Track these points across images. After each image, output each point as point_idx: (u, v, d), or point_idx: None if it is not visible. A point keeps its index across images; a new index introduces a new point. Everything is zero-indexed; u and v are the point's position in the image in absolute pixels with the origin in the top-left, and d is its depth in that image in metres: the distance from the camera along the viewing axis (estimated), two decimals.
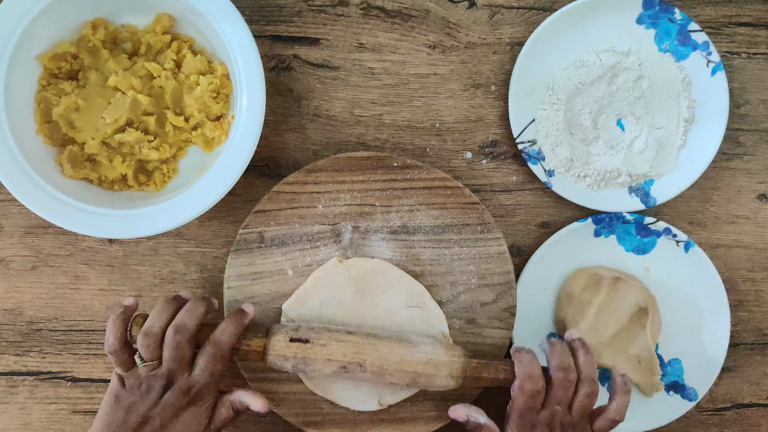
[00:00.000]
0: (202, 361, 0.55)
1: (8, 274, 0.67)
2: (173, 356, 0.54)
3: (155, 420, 0.53)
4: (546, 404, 0.56)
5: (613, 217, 0.65)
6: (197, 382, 0.54)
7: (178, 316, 0.56)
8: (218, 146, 0.65)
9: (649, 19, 0.66)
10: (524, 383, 0.55)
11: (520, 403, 0.56)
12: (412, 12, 0.68)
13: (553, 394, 0.55)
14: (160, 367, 0.54)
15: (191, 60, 0.64)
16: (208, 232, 0.67)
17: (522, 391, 0.56)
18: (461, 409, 0.58)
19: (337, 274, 0.62)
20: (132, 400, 0.54)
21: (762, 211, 0.69)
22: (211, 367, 0.55)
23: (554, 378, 0.56)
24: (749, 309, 0.70)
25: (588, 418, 0.56)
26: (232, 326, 0.56)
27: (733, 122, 0.69)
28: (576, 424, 0.56)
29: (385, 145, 0.68)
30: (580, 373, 0.56)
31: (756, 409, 0.69)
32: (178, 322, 0.55)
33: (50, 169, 0.62)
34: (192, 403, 0.55)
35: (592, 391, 0.56)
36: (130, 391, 0.54)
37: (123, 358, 0.55)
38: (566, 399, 0.56)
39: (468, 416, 0.58)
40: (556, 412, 0.55)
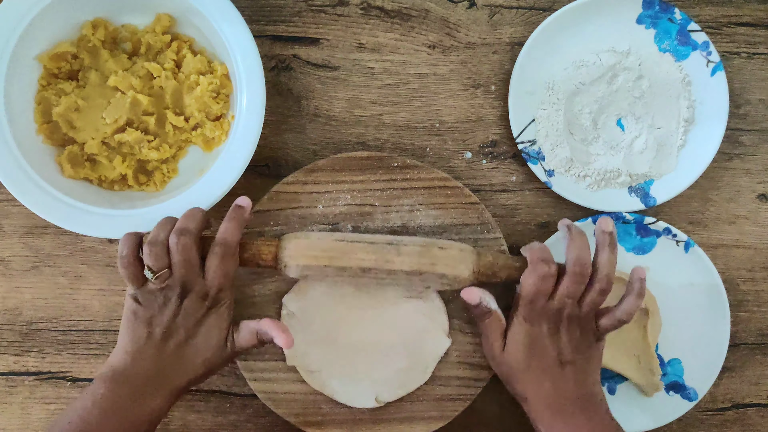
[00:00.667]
0: (212, 263, 0.54)
1: (8, 274, 0.67)
2: (182, 260, 0.53)
3: (179, 329, 0.54)
4: (555, 295, 0.55)
5: (613, 217, 0.65)
6: (212, 285, 0.54)
7: (178, 222, 0.55)
8: (218, 146, 0.65)
9: (649, 19, 0.66)
10: (536, 266, 0.55)
11: (530, 288, 0.55)
12: (412, 12, 0.68)
13: (565, 287, 0.55)
14: (172, 277, 0.54)
15: (191, 60, 0.64)
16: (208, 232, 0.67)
17: (533, 273, 0.55)
18: (475, 291, 0.58)
19: None
20: (151, 313, 0.54)
21: (762, 211, 0.69)
22: (222, 267, 0.54)
23: (569, 271, 0.55)
24: (749, 309, 0.70)
25: (594, 314, 0.56)
26: (233, 222, 0.55)
27: (733, 122, 0.69)
28: (582, 318, 0.56)
29: (385, 145, 0.68)
30: (597, 270, 0.55)
31: (756, 409, 0.69)
32: (179, 227, 0.54)
33: (50, 169, 0.62)
34: (211, 308, 0.55)
35: (606, 289, 0.55)
36: (146, 306, 0.54)
37: (136, 272, 0.54)
38: (578, 293, 0.55)
39: (481, 298, 0.57)
40: (565, 304, 0.55)
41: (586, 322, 0.56)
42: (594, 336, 0.57)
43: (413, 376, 0.62)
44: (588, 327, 0.56)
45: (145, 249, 0.54)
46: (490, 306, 0.57)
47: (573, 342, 0.56)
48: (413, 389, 0.62)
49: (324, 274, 0.58)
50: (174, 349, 0.54)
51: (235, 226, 0.55)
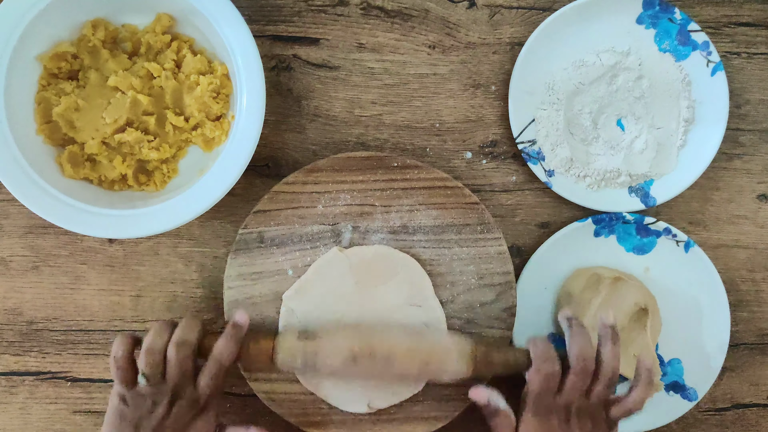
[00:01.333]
0: (206, 378, 0.55)
1: (8, 274, 0.67)
2: (178, 372, 0.54)
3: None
4: (562, 390, 0.55)
5: (613, 217, 0.65)
6: (203, 394, 0.55)
7: (176, 332, 0.56)
8: (218, 146, 0.65)
9: (649, 19, 0.66)
10: (540, 366, 0.55)
11: (536, 386, 0.55)
12: (412, 12, 0.68)
13: (571, 382, 0.55)
14: (164, 383, 0.55)
15: (191, 60, 0.64)
16: (208, 232, 0.67)
17: (538, 373, 0.55)
18: (483, 391, 0.58)
19: (338, 263, 0.62)
20: (139, 416, 0.54)
21: (762, 211, 0.69)
22: (214, 382, 0.55)
23: (573, 366, 0.55)
24: (749, 309, 0.70)
25: (604, 404, 0.56)
26: (231, 343, 0.56)
27: (733, 122, 0.69)
28: (593, 410, 0.55)
29: (385, 145, 0.68)
30: (602, 364, 0.56)
31: (756, 409, 0.69)
32: (178, 339, 0.55)
33: (50, 169, 0.62)
34: (199, 414, 0.55)
35: (612, 382, 0.55)
36: (134, 408, 0.54)
37: (128, 375, 0.55)
38: (584, 387, 0.55)
39: (489, 399, 0.57)
40: (573, 398, 0.55)
41: (597, 413, 0.56)
42: (606, 425, 0.56)
43: (406, 386, 0.62)
44: (599, 417, 0.56)
45: (142, 356, 0.55)
46: (498, 405, 0.57)
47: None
48: (406, 398, 0.62)
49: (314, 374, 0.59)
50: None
51: (232, 345, 0.56)
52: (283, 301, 0.62)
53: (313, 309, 0.62)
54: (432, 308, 0.62)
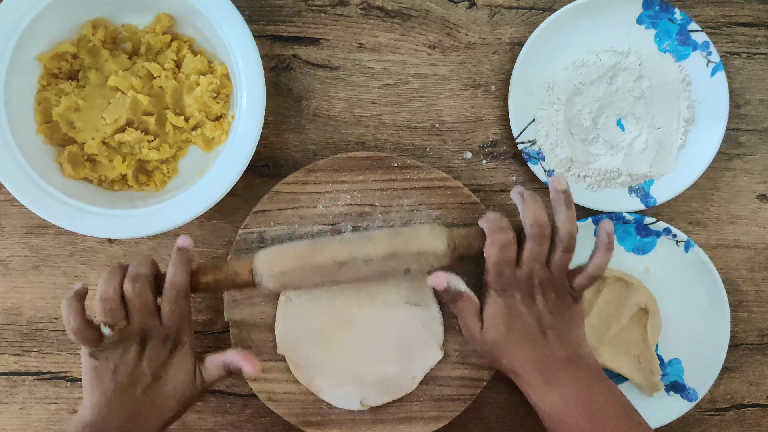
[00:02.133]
0: (166, 307, 0.54)
1: (8, 274, 0.67)
2: (140, 307, 0.53)
3: (145, 374, 0.54)
4: (522, 261, 0.55)
5: (613, 218, 0.65)
6: (170, 328, 0.54)
7: (129, 270, 0.55)
8: (218, 146, 0.65)
9: (649, 19, 0.66)
10: (493, 236, 0.55)
11: (494, 258, 0.55)
12: (412, 12, 0.68)
13: (528, 250, 0.55)
14: (130, 326, 0.54)
15: (191, 60, 0.64)
16: (208, 232, 0.67)
17: (493, 244, 0.55)
18: (441, 276, 0.57)
19: None
20: (114, 364, 0.53)
21: (762, 211, 0.69)
22: (177, 310, 0.54)
23: (528, 234, 0.55)
24: (749, 309, 0.70)
25: (566, 274, 0.56)
26: (179, 265, 0.55)
27: (733, 122, 0.69)
28: (555, 280, 0.55)
29: (385, 145, 0.68)
30: (558, 229, 0.55)
31: (756, 409, 0.69)
32: (132, 273, 0.54)
33: (50, 169, 0.62)
34: (174, 350, 0.55)
35: (569, 246, 0.55)
36: (106, 361, 0.54)
37: (88, 335, 0.53)
38: (542, 254, 0.55)
39: (448, 282, 0.57)
40: (534, 269, 0.55)
41: (560, 284, 0.56)
42: (571, 297, 0.56)
43: (400, 384, 0.62)
44: (562, 288, 0.56)
45: (98, 306, 0.53)
46: (459, 288, 0.57)
47: (549, 306, 0.55)
48: (399, 396, 0.62)
49: (302, 277, 0.57)
50: (142, 394, 0.54)
51: (181, 268, 0.55)
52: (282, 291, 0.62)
53: (312, 299, 0.62)
54: (430, 308, 0.62)
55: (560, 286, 0.56)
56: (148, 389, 0.54)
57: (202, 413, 0.67)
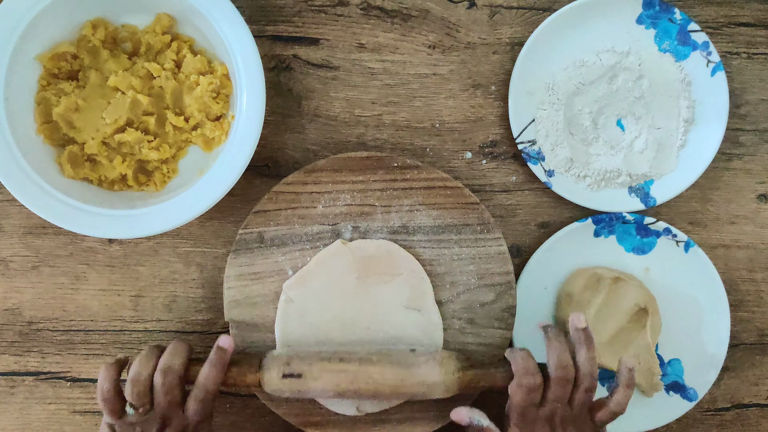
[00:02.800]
0: (193, 405, 0.55)
1: (8, 274, 0.67)
2: (165, 399, 0.54)
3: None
4: (545, 401, 0.56)
5: (613, 217, 0.65)
6: (192, 421, 0.55)
7: (162, 359, 0.55)
8: (218, 146, 0.65)
9: (649, 19, 0.66)
10: (521, 379, 0.55)
11: (519, 400, 0.55)
12: (412, 12, 0.68)
13: (552, 392, 0.55)
14: (152, 411, 0.54)
15: (191, 60, 0.64)
16: (208, 232, 0.67)
17: (520, 387, 0.55)
18: (464, 412, 0.58)
19: (341, 255, 0.62)
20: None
21: (762, 211, 0.69)
22: (201, 410, 0.55)
23: (553, 377, 0.55)
24: (749, 309, 0.69)
25: (588, 410, 0.56)
26: (215, 369, 0.56)
27: (733, 122, 0.69)
28: (576, 418, 0.56)
29: (385, 145, 0.68)
30: (579, 368, 0.56)
31: (756, 409, 0.69)
32: (164, 366, 0.55)
33: (50, 169, 0.62)
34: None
35: (591, 387, 0.55)
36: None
37: (115, 406, 0.54)
38: (565, 396, 0.55)
39: (471, 419, 0.57)
40: (556, 408, 0.55)
41: (582, 422, 0.56)
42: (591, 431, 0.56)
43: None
44: (585, 425, 0.56)
45: (128, 387, 0.54)
46: (482, 423, 0.57)
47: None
48: (396, 404, 0.62)
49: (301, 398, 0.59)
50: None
51: (217, 371, 0.55)
52: (283, 290, 0.62)
53: (312, 300, 0.62)
54: (430, 314, 0.62)
55: (582, 423, 0.56)
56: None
57: None
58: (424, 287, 0.62)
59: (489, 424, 0.57)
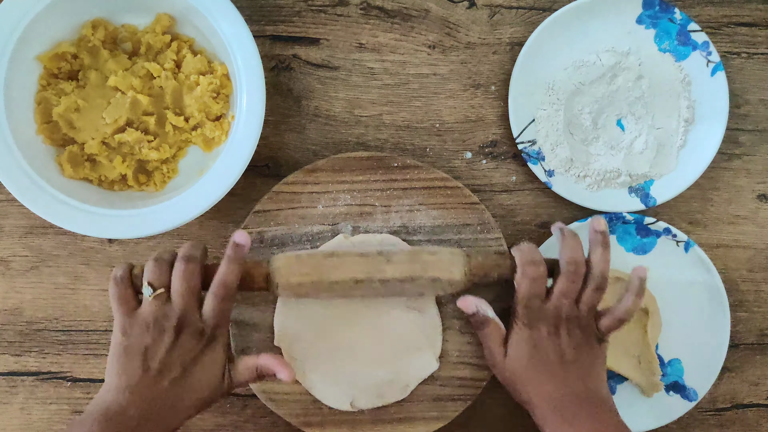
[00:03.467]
0: (211, 303, 0.52)
1: (8, 274, 0.67)
2: (185, 288, 0.51)
3: (176, 365, 0.51)
4: (552, 296, 0.55)
5: (613, 217, 0.65)
6: (209, 323, 0.52)
7: (182, 249, 0.53)
8: (218, 146, 0.65)
9: (649, 19, 0.66)
10: (526, 268, 0.55)
11: (524, 291, 0.55)
12: (412, 12, 0.68)
13: (560, 286, 0.55)
14: (170, 306, 0.52)
15: (191, 60, 0.64)
16: (208, 232, 0.67)
17: (524, 276, 0.55)
18: (470, 299, 0.58)
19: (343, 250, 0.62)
20: (145, 345, 0.51)
21: (762, 211, 0.69)
22: (220, 308, 0.53)
23: (563, 270, 0.55)
24: (749, 309, 0.69)
25: (594, 314, 0.56)
26: (233, 263, 0.53)
27: (733, 122, 0.69)
28: (582, 318, 0.55)
29: (385, 145, 0.68)
30: (591, 268, 0.55)
31: (756, 409, 0.69)
32: (185, 254, 0.52)
33: (50, 169, 0.62)
34: (207, 346, 0.53)
35: (601, 287, 0.55)
36: (140, 336, 0.51)
37: (128, 294, 0.52)
38: (573, 292, 0.55)
39: (477, 307, 0.57)
40: (562, 304, 0.55)
41: (586, 322, 0.56)
42: (595, 337, 0.56)
43: (392, 391, 0.62)
44: (588, 327, 0.56)
45: (149, 264, 0.52)
46: (487, 314, 0.57)
47: (574, 342, 0.55)
48: (390, 402, 0.62)
49: (317, 290, 0.57)
50: (169, 386, 0.51)
51: (235, 267, 0.53)
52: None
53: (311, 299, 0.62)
54: (431, 316, 0.62)
55: (587, 324, 0.56)
56: (176, 382, 0.51)
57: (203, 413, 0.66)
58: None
59: (494, 316, 0.57)
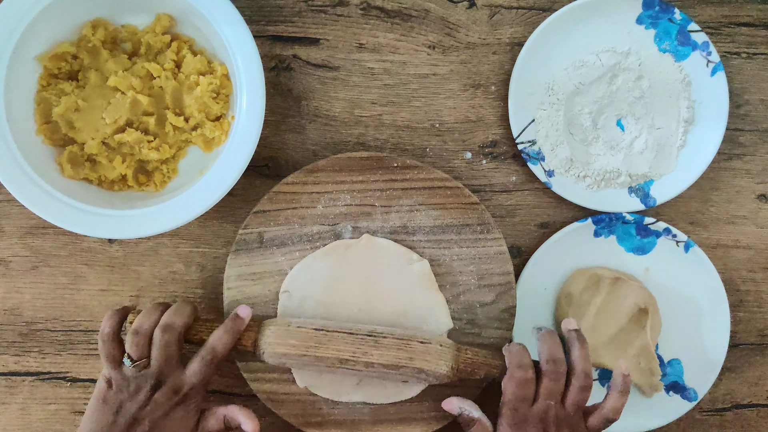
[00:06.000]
0: (196, 365, 0.55)
1: (8, 274, 0.67)
2: (162, 355, 0.54)
3: (145, 420, 0.54)
4: (538, 398, 0.55)
5: (613, 218, 0.65)
6: (187, 383, 0.55)
7: (164, 316, 0.56)
8: (218, 146, 0.65)
9: (649, 19, 0.66)
10: (513, 372, 0.55)
11: (511, 394, 0.55)
12: (412, 12, 0.68)
13: (544, 387, 0.55)
14: (149, 368, 0.55)
15: (191, 60, 0.64)
16: (208, 232, 0.67)
17: (511, 379, 0.55)
18: (454, 402, 0.58)
19: (350, 246, 0.63)
20: (120, 400, 0.54)
21: (762, 211, 0.69)
22: (203, 372, 0.55)
23: (544, 370, 0.55)
24: (749, 309, 0.69)
25: (582, 413, 0.56)
26: (228, 334, 0.56)
27: (733, 122, 0.69)
28: (570, 418, 0.55)
29: (385, 145, 0.68)
30: (573, 367, 0.56)
31: (756, 409, 0.69)
32: (165, 322, 0.56)
33: (50, 169, 0.62)
34: (180, 403, 0.55)
35: (586, 386, 0.55)
36: (117, 392, 0.54)
37: (114, 352, 0.55)
38: (558, 392, 0.55)
39: (461, 409, 0.58)
40: (549, 406, 0.55)
41: (575, 423, 0.55)
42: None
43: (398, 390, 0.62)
44: (578, 427, 0.55)
45: (128, 337, 0.55)
46: (472, 414, 0.57)
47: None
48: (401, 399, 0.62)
49: (302, 363, 0.58)
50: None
51: (229, 337, 0.56)
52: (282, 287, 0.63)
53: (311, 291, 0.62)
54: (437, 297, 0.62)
55: (575, 424, 0.55)
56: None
57: None
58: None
59: (480, 415, 0.57)
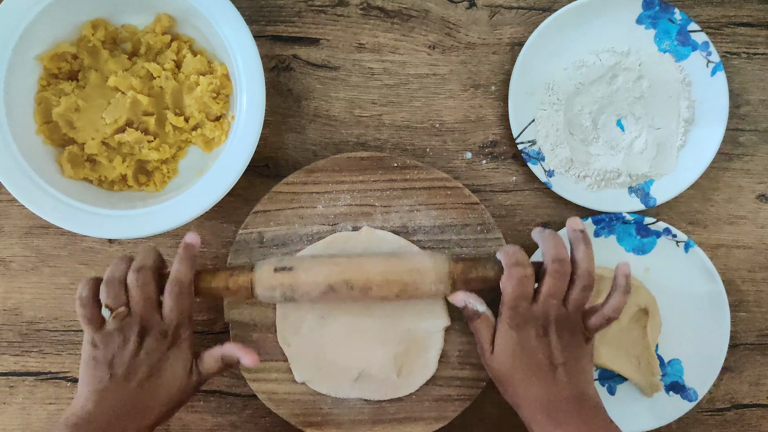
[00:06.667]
0: (168, 303, 0.54)
1: (8, 274, 0.67)
2: (140, 297, 0.53)
3: (141, 367, 0.53)
4: (539, 296, 0.55)
5: (613, 218, 0.65)
6: (170, 322, 0.54)
7: (134, 261, 0.55)
8: (218, 146, 0.65)
9: (649, 19, 0.66)
10: (511, 270, 0.55)
11: (510, 292, 0.55)
12: (411, 12, 0.68)
13: (547, 286, 0.55)
14: (130, 316, 0.54)
15: (191, 60, 0.64)
16: (208, 232, 0.67)
17: (510, 278, 0.55)
18: (460, 295, 0.58)
19: (350, 237, 0.63)
20: (112, 354, 0.53)
21: (762, 211, 0.69)
22: (178, 305, 0.54)
23: (549, 269, 0.54)
24: (749, 309, 0.69)
25: (582, 313, 0.56)
26: (185, 262, 0.55)
27: (733, 122, 0.69)
28: (570, 317, 0.55)
29: (385, 146, 0.68)
30: (577, 266, 0.55)
31: (756, 409, 0.69)
32: (136, 264, 0.54)
33: (50, 169, 0.62)
34: (172, 345, 0.55)
35: (588, 285, 0.55)
36: (105, 349, 0.54)
37: (94, 313, 0.54)
38: (560, 291, 0.55)
39: (466, 302, 0.57)
40: (550, 305, 0.55)
41: (575, 322, 0.55)
42: (583, 336, 0.56)
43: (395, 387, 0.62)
44: (577, 327, 0.55)
45: (102, 288, 0.54)
46: (477, 308, 0.57)
47: (562, 343, 0.55)
48: (391, 397, 0.62)
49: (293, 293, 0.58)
50: (137, 387, 0.53)
51: (186, 265, 0.55)
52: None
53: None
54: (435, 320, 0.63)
55: (575, 324, 0.55)
56: (143, 383, 0.54)
57: (202, 414, 0.67)
58: None
59: (485, 309, 0.57)
